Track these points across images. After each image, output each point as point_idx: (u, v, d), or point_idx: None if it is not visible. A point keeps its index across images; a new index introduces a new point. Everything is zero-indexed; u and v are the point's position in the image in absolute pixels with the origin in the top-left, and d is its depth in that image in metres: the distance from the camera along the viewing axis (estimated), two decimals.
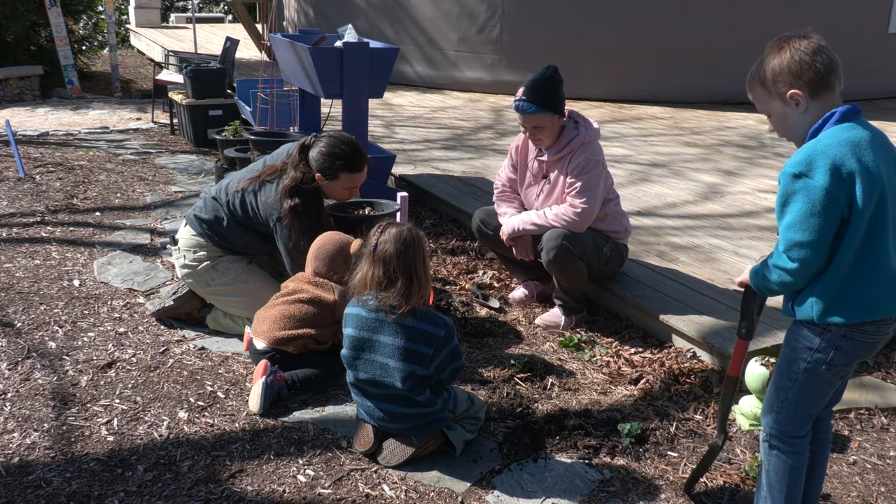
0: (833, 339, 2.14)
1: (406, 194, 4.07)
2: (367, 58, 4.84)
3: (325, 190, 3.59)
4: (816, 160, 2.02)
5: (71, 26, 11.13)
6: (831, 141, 2.05)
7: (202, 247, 3.67)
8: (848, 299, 2.09)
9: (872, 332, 2.14)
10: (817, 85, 2.10)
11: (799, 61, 2.11)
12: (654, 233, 4.76)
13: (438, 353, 2.71)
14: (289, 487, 2.65)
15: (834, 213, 2.02)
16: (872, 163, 2.03)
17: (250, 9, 13.35)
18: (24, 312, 3.85)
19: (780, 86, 2.14)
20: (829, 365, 2.16)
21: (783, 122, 2.19)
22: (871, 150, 2.06)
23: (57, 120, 8.70)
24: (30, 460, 2.74)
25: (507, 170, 4.00)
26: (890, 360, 3.53)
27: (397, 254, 2.66)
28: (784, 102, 2.15)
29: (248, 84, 6.94)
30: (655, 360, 3.52)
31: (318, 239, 3.40)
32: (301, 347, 3.25)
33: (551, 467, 2.78)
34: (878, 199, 2.04)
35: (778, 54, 2.14)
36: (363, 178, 3.64)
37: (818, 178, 2.01)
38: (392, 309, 2.68)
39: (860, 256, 2.06)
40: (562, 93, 3.66)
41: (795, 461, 2.30)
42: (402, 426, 2.76)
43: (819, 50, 2.11)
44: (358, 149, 3.59)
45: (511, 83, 9.65)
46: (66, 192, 5.82)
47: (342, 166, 3.52)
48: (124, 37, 16.96)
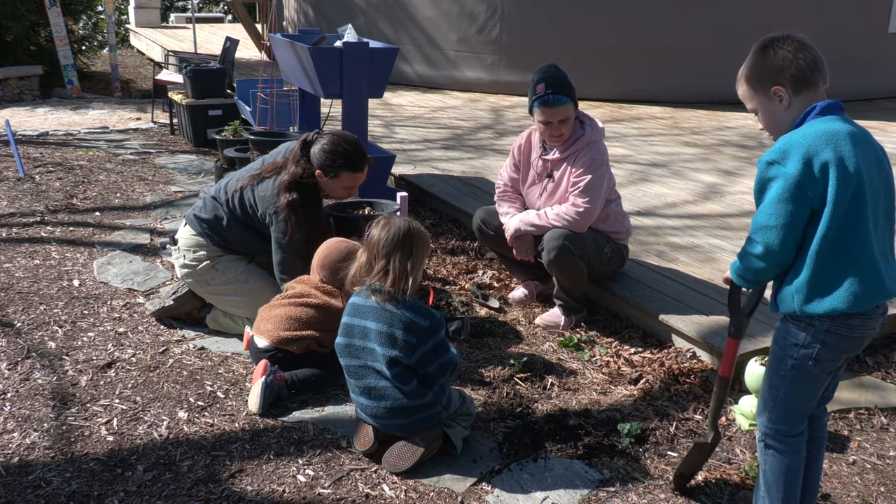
0: (818, 334, 2.16)
1: (406, 194, 4.07)
2: (367, 58, 4.84)
3: (324, 187, 3.58)
4: (791, 149, 2.09)
5: (71, 26, 11.13)
6: (808, 132, 2.11)
7: (202, 246, 3.67)
8: (828, 289, 2.11)
9: (857, 327, 2.16)
10: (800, 81, 2.17)
11: (782, 58, 2.18)
12: (654, 233, 4.76)
13: (422, 343, 2.72)
14: (288, 487, 2.65)
15: (802, 201, 2.07)
16: (850, 155, 2.07)
17: (250, 9, 13.36)
18: (23, 312, 3.85)
19: (764, 83, 2.21)
20: (816, 360, 2.19)
21: (769, 118, 2.25)
22: (850, 143, 2.10)
23: (57, 120, 8.71)
24: (29, 460, 2.74)
25: (509, 169, 4.00)
26: (890, 360, 3.54)
27: (380, 240, 2.74)
28: (769, 99, 2.22)
29: (248, 84, 6.94)
30: (655, 359, 3.53)
31: (324, 247, 3.39)
32: (304, 348, 3.25)
33: (551, 467, 2.78)
34: (855, 191, 2.07)
35: (762, 53, 2.22)
36: (363, 179, 3.64)
37: (790, 167, 2.07)
38: (374, 292, 2.74)
39: (837, 247, 2.09)
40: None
41: (792, 460, 2.30)
42: (398, 422, 2.76)
43: (801, 48, 2.18)
44: (360, 148, 3.59)
45: (511, 83, 9.67)
46: (65, 192, 5.82)
47: (343, 165, 3.52)
48: (124, 37, 16.96)
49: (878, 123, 8.54)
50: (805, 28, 9.52)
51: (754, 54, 2.24)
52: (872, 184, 2.11)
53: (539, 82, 3.67)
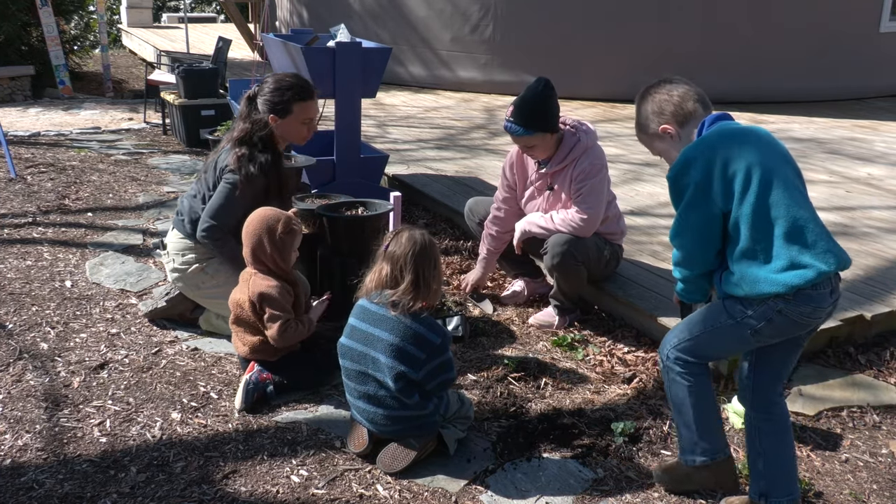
0: (768, 312, 2.28)
1: (399, 194, 4.06)
2: (360, 57, 4.83)
3: (281, 133, 3.54)
4: (689, 160, 2.30)
5: (62, 26, 11.07)
6: (702, 142, 2.32)
7: (191, 249, 3.64)
8: (770, 270, 2.24)
9: (807, 315, 2.28)
10: (681, 115, 2.42)
11: (659, 101, 2.45)
12: (648, 232, 4.77)
13: (430, 360, 2.70)
14: (282, 488, 2.64)
15: (709, 203, 2.28)
16: (747, 149, 2.26)
17: (242, 8, 13.33)
18: (15, 314, 3.83)
19: (652, 126, 2.47)
20: (756, 332, 2.32)
21: (668, 154, 2.48)
22: (745, 138, 2.30)
23: (48, 120, 8.67)
24: (22, 462, 2.73)
25: (503, 190, 3.98)
26: (882, 359, 3.55)
27: (405, 254, 2.70)
28: (661, 139, 2.47)
29: (241, 84, 6.92)
30: (649, 358, 3.53)
31: (250, 215, 3.24)
32: (272, 353, 3.19)
33: (545, 466, 2.79)
34: (761, 180, 2.22)
35: (642, 103, 2.49)
36: (317, 110, 3.63)
37: (693, 174, 2.28)
38: (394, 305, 2.70)
39: (763, 233, 2.24)
40: (552, 108, 3.62)
41: (693, 381, 2.46)
42: (396, 428, 2.75)
43: (672, 87, 2.44)
44: (304, 79, 3.60)
45: (504, 83, 9.67)
46: (57, 193, 5.79)
47: (292, 96, 3.50)
48: (116, 37, 16.90)
49: (870, 122, 8.57)
50: (797, 28, 9.56)
51: (637, 105, 2.50)
52: (779, 168, 2.27)
53: (514, 102, 3.65)
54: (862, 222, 4.99)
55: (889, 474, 2.85)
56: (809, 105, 9.43)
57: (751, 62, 9.37)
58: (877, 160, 6.82)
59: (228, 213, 3.44)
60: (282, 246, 3.16)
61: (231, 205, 3.43)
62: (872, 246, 4.52)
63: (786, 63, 9.42)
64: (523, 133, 3.60)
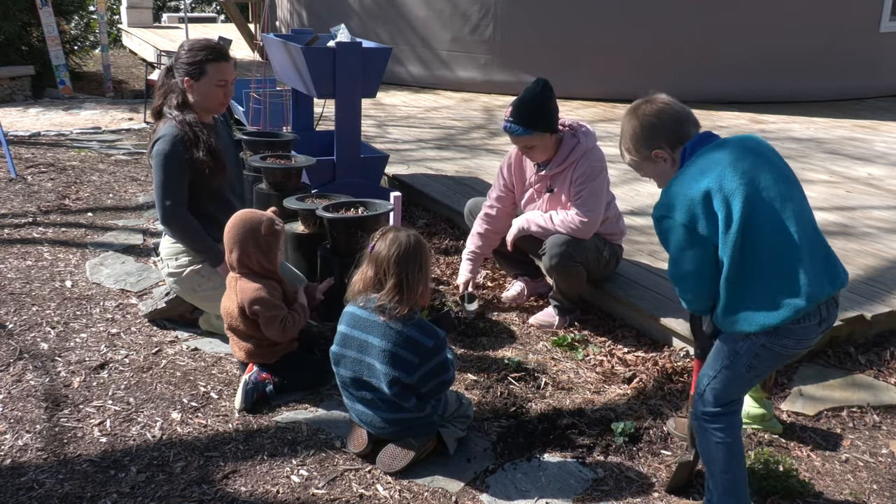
0: (753, 347, 2.27)
1: (399, 194, 4.06)
2: (360, 57, 4.83)
3: (198, 96, 3.56)
4: (673, 200, 2.27)
5: (62, 26, 11.07)
6: (684, 177, 2.28)
7: (183, 252, 3.61)
8: (754, 307, 2.22)
9: (791, 347, 2.27)
10: (673, 138, 2.37)
11: (649, 126, 2.38)
12: (647, 232, 4.77)
13: (424, 363, 2.68)
14: (282, 488, 2.64)
15: (700, 242, 2.23)
16: (729, 176, 2.20)
17: (242, 9, 13.32)
18: (15, 313, 3.84)
19: (643, 150, 2.42)
20: (750, 368, 2.31)
21: (661, 178, 2.45)
22: (728, 163, 2.23)
23: (48, 120, 8.67)
24: (22, 462, 2.73)
25: (497, 189, 3.96)
26: (882, 359, 3.55)
27: (389, 256, 2.66)
28: (654, 163, 2.43)
29: (241, 84, 6.91)
30: (649, 358, 3.53)
31: (231, 220, 3.23)
32: (270, 355, 3.19)
33: (545, 466, 2.79)
34: (742, 213, 2.17)
35: (630, 124, 2.43)
36: (232, 72, 3.63)
37: (678, 216, 2.24)
38: (382, 310, 2.68)
39: (750, 266, 2.20)
40: (552, 109, 3.62)
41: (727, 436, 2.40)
42: (395, 429, 2.76)
43: (662, 109, 2.38)
44: (217, 43, 3.64)
45: (504, 83, 9.66)
46: (57, 193, 5.79)
47: (205, 56, 3.53)
48: (116, 37, 16.89)
49: (870, 122, 8.57)
50: (798, 28, 9.55)
51: (625, 126, 2.44)
52: (765, 189, 2.21)
53: (512, 102, 3.64)
54: (862, 222, 4.99)
55: (889, 474, 2.85)
56: (809, 105, 9.42)
57: (751, 62, 9.37)
58: (877, 160, 6.82)
59: (173, 185, 3.43)
60: (267, 248, 3.17)
61: (171, 175, 3.44)
62: (872, 246, 4.52)
63: (786, 63, 9.41)
64: (523, 133, 3.60)
